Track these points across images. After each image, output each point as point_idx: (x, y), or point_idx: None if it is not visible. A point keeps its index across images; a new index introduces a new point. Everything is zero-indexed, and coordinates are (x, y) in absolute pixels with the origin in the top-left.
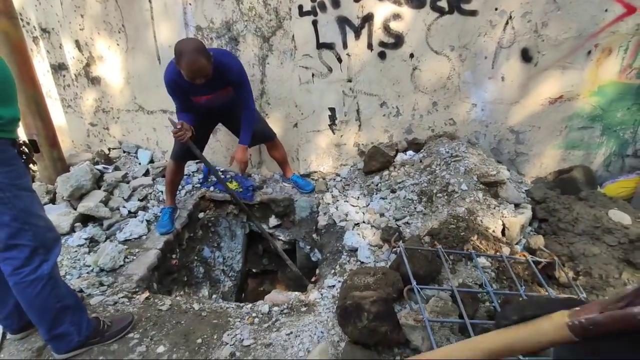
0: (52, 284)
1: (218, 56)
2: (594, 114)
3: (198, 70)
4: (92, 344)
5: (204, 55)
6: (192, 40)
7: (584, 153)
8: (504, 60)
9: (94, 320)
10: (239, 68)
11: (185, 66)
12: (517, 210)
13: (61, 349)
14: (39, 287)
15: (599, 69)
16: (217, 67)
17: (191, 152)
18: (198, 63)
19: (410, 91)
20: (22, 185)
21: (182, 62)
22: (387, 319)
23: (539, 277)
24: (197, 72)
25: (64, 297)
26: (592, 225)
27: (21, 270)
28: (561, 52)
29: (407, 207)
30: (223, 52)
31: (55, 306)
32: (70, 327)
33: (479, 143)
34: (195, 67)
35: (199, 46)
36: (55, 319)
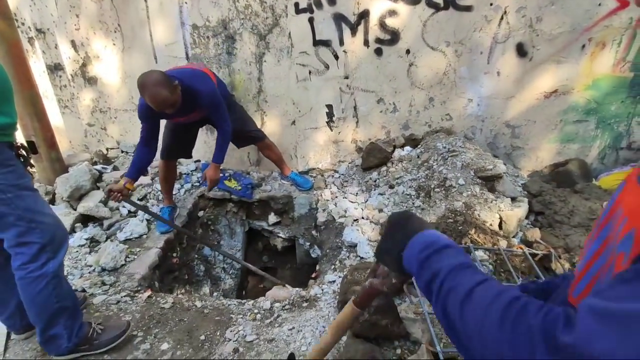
0: (55, 283)
1: (187, 81)
2: (588, 107)
3: (162, 102)
4: (81, 351)
5: (166, 87)
6: (153, 73)
7: (579, 146)
8: (500, 55)
9: (86, 325)
10: (209, 92)
11: (148, 100)
12: (514, 204)
13: (50, 352)
14: (42, 284)
15: (593, 63)
16: (187, 92)
17: (180, 149)
18: (160, 96)
19: (407, 87)
20: (23, 184)
21: (144, 96)
22: (388, 313)
23: (536, 269)
24: (161, 104)
25: (63, 297)
26: (587, 218)
27: (27, 266)
28: (556, 47)
29: (405, 203)
30: (193, 75)
31: (54, 306)
32: (63, 330)
33: (476, 138)
34: (158, 100)
35: (159, 79)
36: (52, 319)
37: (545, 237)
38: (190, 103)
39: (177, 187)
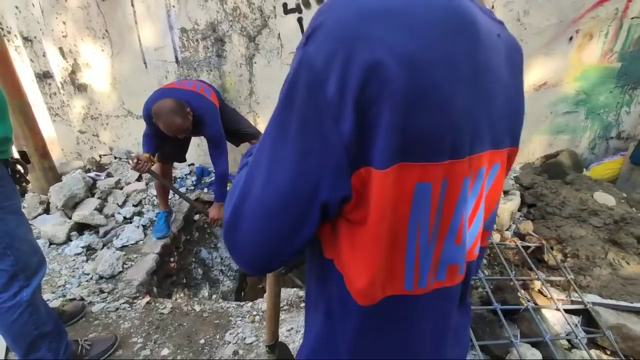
0: (30, 311)
1: (197, 110)
2: (578, 98)
3: (176, 130)
4: None
5: (180, 114)
6: (167, 102)
7: (569, 137)
8: None
9: (73, 344)
10: (216, 132)
11: (163, 127)
12: (506, 197)
13: None
14: (16, 314)
15: (581, 54)
16: (195, 121)
17: (174, 154)
18: (174, 124)
19: None
20: (9, 208)
21: (159, 123)
22: None
23: (528, 261)
24: (175, 131)
25: (42, 323)
26: (578, 208)
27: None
28: (544, 39)
29: None
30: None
31: (32, 333)
32: (47, 354)
33: None
34: (172, 128)
35: (174, 107)
36: (32, 345)
37: (538, 229)
38: (195, 129)
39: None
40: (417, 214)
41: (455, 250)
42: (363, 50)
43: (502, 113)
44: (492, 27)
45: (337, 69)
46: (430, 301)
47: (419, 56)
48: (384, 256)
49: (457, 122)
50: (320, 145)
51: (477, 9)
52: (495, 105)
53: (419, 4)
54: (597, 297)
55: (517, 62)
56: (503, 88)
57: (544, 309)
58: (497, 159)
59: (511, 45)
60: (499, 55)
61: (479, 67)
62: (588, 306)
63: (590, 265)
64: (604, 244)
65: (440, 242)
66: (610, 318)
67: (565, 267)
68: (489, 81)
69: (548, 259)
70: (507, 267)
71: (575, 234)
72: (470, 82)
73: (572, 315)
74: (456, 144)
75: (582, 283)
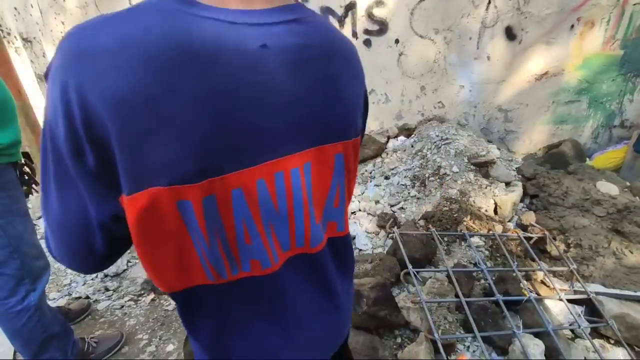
0: (38, 315)
1: None
2: (580, 87)
3: None
4: None
5: None
6: None
7: (572, 127)
8: (489, 39)
9: (80, 341)
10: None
11: None
12: (508, 189)
13: None
14: (25, 319)
15: (582, 43)
16: None
17: None
18: None
19: (398, 77)
20: (18, 211)
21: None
22: (386, 303)
23: (531, 252)
24: None
25: (50, 325)
26: (581, 198)
27: (7, 301)
28: (544, 28)
29: (401, 193)
30: None
31: (41, 336)
32: (56, 353)
33: (469, 124)
34: None
35: None
36: (41, 347)
37: (541, 219)
38: None
39: None
40: (192, 225)
41: (249, 248)
42: (80, 95)
43: (297, 117)
44: (251, 41)
45: (61, 112)
46: (242, 287)
47: (132, 96)
48: (169, 255)
49: (206, 146)
50: (72, 177)
51: (227, 28)
52: (279, 113)
53: (133, 44)
54: (600, 287)
55: (319, 61)
56: (290, 93)
57: (546, 300)
58: (308, 158)
59: (304, 48)
60: (266, 66)
61: (226, 86)
62: (591, 296)
63: (594, 255)
64: (607, 234)
65: (232, 244)
66: (614, 307)
67: (568, 257)
68: (251, 95)
69: (550, 249)
70: (509, 258)
71: (578, 223)
72: (216, 104)
73: (576, 305)
74: (213, 164)
75: (585, 273)
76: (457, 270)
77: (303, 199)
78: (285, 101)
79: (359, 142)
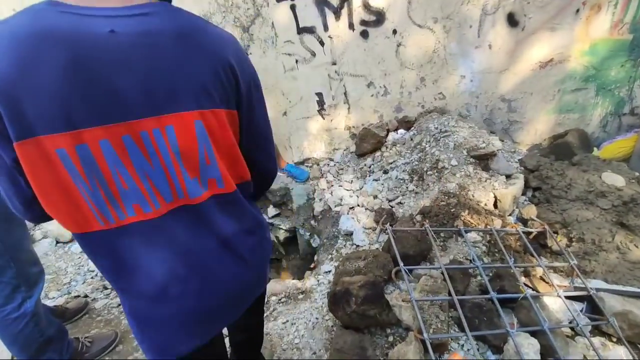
0: (35, 321)
1: None
2: (587, 74)
3: None
4: None
5: None
6: None
7: (579, 115)
8: (490, 27)
9: (74, 341)
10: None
11: None
12: (509, 182)
13: None
14: (22, 325)
15: (589, 27)
16: None
17: None
18: None
19: (397, 68)
20: (18, 220)
21: None
22: (376, 302)
23: (529, 247)
24: None
25: (46, 329)
26: (585, 190)
27: (4, 309)
28: (548, 13)
29: (399, 187)
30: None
31: (38, 340)
32: (52, 354)
33: (471, 115)
34: None
35: None
36: (38, 351)
37: (542, 213)
38: None
39: None
40: (73, 172)
41: (128, 193)
42: None
43: (150, 87)
44: (102, 28)
45: None
46: (138, 230)
47: (8, 72)
48: (62, 202)
49: (70, 104)
50: None
51: (82, 19)
52: (133, 83)
53: (6, 36)
54: (602, 283)
55: (164, 44)
56: (140, 68)
57: (546, 297)
58: (168, 122)
59: (150, 34)
60: (117, 47)
61: (82, 60)
62: (591, 292)
63: (596, 250)
64: (611, 227)
65: (113, 188)
66: (616, 304)
67: (569, 252)
68: (106, 67)
69: (551, 244)
70: (505, 254)
71: (581, 217)
72: (75, 74)
73: (576, 302)
74: (79, 118)
75: (587, 268)
76: (450, 267)
77: (171, 156)
78: (138, 74)
79: (225, 114)
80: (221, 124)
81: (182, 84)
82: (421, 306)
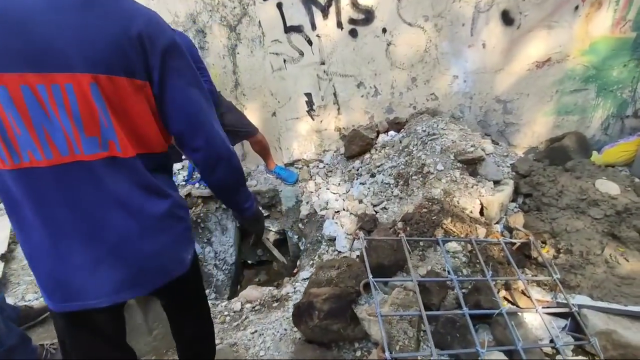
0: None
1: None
2: (587, 74)
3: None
4: None
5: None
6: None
7: (578, 118)
8: (483, 25)
9: (38, 348)
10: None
11: None
12: (497, 188)
13: None
14: None
15: (589, 25)
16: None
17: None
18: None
19: (387, 68)
20: None
21: None
22: (340, 316)
23: (510, 259)
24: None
25: (7, 339)
26: (577, 198)
27: None
28: (545, 11)
29: (384, 192)
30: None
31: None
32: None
33: (464, 117)
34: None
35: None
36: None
37: (531, 222)
38: None
39: None
40: None
41: (21, 139)
42: None
43: (54, 48)
44: None
45: None
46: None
47: None
48: None
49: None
50: None
51: None
52: (38, 42)
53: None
54: (587, 299)
55: (73, 8)
56: (51, 31)
57: (526, 312)
58: (66, 80)
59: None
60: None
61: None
62: (573, 310)
63: (583, 263)
64: (601, 238)
65: (10, 133)
66: (599, 323)
67: (553, 265)
68: (15, 25)
69: (536, 256)
70: (484, 266)
71: (571, 226)
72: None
73: (560, 319)
74: None
75: (572, 283)
76: (423, 280)
77: (68, 113)
78: (42, 33)
79: (127, 83)
80: (120, 91)
81: (77, 48)
82: (390, 321)
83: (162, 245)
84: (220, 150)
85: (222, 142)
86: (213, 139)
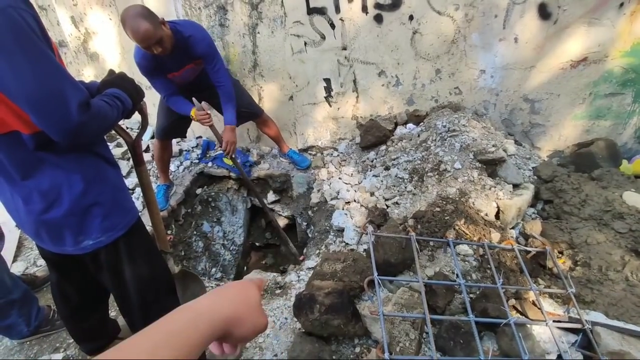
0: None
1: (182, 27)
2: (625, 77)
3: (144, 35)
4: (43, 332)
5: (149, 19)
6: (135, 6)
7: (611, 123)
8: (518, 18)
9: (46, 308)
10: (208, 39)
11: (130, 34)
12: (516, 191)
13: (13, 337)
14: None
15: (633, 24)
16: (182, 39)
17: (176, 129)
18: (142, 28)
19: (411, 58)
20: None
21: (127, 31)
22: (340, 312)
23: (523, 268)
24: (144, 39)
25: (8, 292)
26: (601, 209)
27: None
28: (586, 6)
29: (397, 187)
30: (189, 23)
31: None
32: (18, 319)
33: (488, 114)
34: (140, 33)
35: (142, 11)
36: (1, 313)
37: (549, 229)
38: (183, 51)
39: (176, 164)
40: None
41: None
42: None
43: None
44: None
45: None
46: None
47: None
48: None
49: None
50: None
51: None
52: None
53: None
54: (601, 316)
55: None
56: None
57: (535, 324)
58: None
59: None
60: None
61: None
62: (586, 326)
63: (602, 278)
64: (624, 254)
65: None
66: (613, 342)
67: (568, 278)
68: None
69: (551, 266)
70: (494, 272)
71: (591, 239)
72: None
73: (570, 334)
74: None
75: (588, 298)
76: (430, 282)
77: None
78: None
79: None
80: None
81: None
82: (392, 321)
83: (59, 213)
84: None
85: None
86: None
